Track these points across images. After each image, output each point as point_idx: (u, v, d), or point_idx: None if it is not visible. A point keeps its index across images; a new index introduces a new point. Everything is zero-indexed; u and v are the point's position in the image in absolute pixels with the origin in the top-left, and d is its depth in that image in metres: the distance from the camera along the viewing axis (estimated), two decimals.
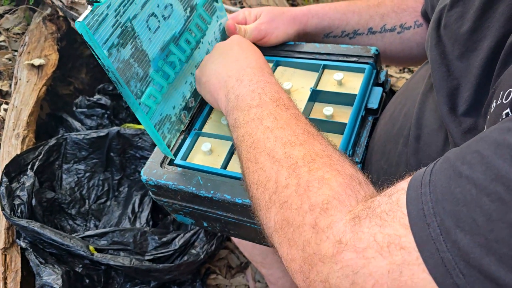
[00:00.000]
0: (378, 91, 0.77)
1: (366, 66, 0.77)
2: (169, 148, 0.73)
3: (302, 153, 0.51)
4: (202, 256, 1.16)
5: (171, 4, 0.68)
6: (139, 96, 0.64)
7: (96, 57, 0.58)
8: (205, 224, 0.79)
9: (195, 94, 0.78)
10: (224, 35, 0.82)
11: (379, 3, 0.85)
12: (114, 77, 0.60)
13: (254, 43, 0.84)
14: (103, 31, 0.57)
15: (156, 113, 0.68)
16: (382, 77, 0.79)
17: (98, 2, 0.55)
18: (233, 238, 1.08)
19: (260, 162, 0.53)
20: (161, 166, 0.74)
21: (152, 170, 0.74)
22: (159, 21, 0.66)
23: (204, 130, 0.78)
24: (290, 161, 0.50)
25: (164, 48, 0.68)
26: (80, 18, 0.54)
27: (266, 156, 0.53)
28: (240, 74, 0.65)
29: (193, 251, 1.16)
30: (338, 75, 0.78)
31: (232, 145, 0.73)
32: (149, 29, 0.64)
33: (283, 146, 0.53)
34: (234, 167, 0.72)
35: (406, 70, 1.86)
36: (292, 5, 1.94)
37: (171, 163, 0.75)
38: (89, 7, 0.55)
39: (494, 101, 0.44)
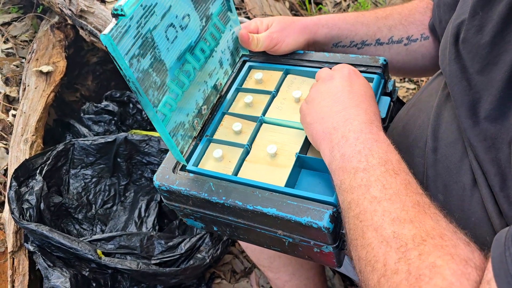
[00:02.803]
0: (386, 100, 0.78)
1: (375, 76, 0.79)
2: (181, 154, 0.75)
3: (412, 233, 0.48)
4: (207, 260, 1.17)
5: (188, 15, 0.70)
6: (156, 104, 0.66)
7: (118, 68, 0.59)
8: (215, 229, 0.80)
9: (208, 101, 0.80)
10: (237, 44, 0.84)
11: (387, 15, 0.87)
12: (135, 86, 0.62)
13: (265, 51, 0.86)
14: (125, 42, 0.59)
15: (171, 120, 0.70)
16: (390, 86, 0.81)
17: (124, 15, 0.57)
18: (240, 242, 1.09)
19: (367, 238, 0.52)
20: (173, 171, 0.75)
21: (165, 176, 0.75)
22: (176, 31, 0.68)
23: (215, 137, 0.79)
24: (399, 242, 0.48)
25: (180, 57, 0.70)
26: (106, 31, 0.55)
27: (373, 232, 0.51)
28: (346, 130, 0.62)
29: (198, 255, 1.18)
30: None
31: (243, 152, 0.75)
32: (168, 39, 0.66)
33: (392, 223, 0.50)
34: (245, 174, 0.73)
35: (407, 79, 1.89)
36: (295, 15, 1.97)
37: (183, 169, 0.76)
38: (114, 20, 0.56)
39: None
